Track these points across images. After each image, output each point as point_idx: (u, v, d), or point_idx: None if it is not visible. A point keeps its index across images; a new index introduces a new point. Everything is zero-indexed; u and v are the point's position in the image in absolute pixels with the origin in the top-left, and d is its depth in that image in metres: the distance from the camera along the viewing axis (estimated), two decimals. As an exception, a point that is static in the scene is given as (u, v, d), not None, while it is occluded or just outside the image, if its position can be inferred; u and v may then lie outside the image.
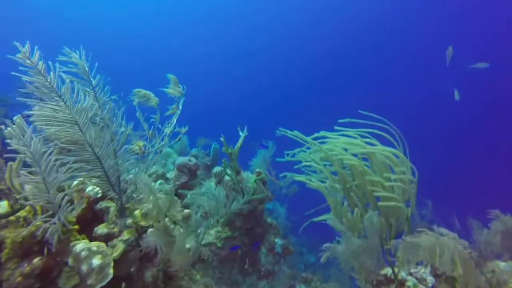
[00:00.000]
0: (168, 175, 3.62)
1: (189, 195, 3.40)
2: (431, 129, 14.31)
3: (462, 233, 3.20)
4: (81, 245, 1.27)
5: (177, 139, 2.07)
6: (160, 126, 1.96)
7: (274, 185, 4.15)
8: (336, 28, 18.27)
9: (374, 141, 3.15)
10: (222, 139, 3.17)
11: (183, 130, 2.07)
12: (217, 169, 3.27)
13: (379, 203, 2.78)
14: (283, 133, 3.16)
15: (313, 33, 18.85)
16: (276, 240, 3.83)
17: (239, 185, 3.03)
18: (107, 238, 1.47)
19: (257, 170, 3.50)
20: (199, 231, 2.71)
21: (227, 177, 3.16)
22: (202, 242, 3.06)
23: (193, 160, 3.70)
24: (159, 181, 3.34)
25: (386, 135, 3.12)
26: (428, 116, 15.03)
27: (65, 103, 1.31)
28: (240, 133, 3.23)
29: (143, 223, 1.61)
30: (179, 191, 3.58)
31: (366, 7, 16.86)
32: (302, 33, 19.07)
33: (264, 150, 3.93)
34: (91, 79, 1.49)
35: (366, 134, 3.16)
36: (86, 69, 1.48)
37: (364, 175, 2.91)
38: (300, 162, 3.46)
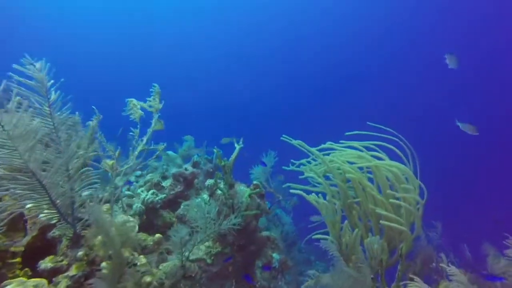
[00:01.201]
0: (164, 183, 3.50)
1: (182, 206, 3.27)
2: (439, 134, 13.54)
3: (475, 261, 2.86)
4: (11, 287, 1.14)
5: (153, 156, 1.93)
6: (134, 144, 1.82)
7: (273, 197, 3.95)
8: (346, 34, 17.63)
9: (382, 155, 2.86)
10: (215, 150, 3.01)
11: (161, 147, 1.92)
12: (209, 181, 3.10)
13: (381, 221, 2.51)
14: (287, 141, 2.94)
15: (322, 38, 18.29)
16: (274, 254, 3.63)
17: (229, 200, 2.84)
18: (52, 273, 1.33)
19: (254, 182, 3.31)
20: (184, 248, 2.56)
21: (219, 191, 2.98)
22: (191, 258, 2.91)
23: (190, 169, 3.55)
24: (151, 191, 3.22)
25: (395, 149, 2.83)
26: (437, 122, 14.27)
27: (2, 127, 1.18)
28: (236, 145, 3.05)
29: (101, 253, 1.46)
30: (179, 200, 3.46)
31: (376, 14, 16.17)
32: (312, 37, 18.52)
33: (265, 160, 3.73)
34: (51, 94, 1.35)
35: (374, 147, 2.87)
36: (46, 83, 1.34)
37: (366, 191, 2.63)
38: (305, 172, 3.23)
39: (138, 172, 4.15)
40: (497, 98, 13.21)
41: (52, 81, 1.29)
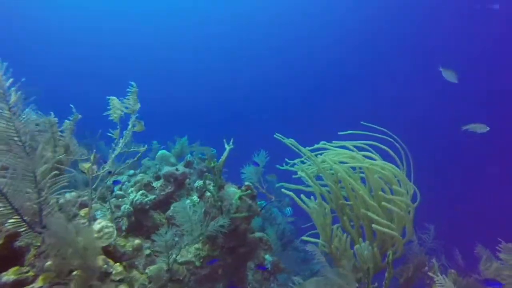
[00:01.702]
0: (155, 184, 3.41)
1: (172, 208, 3.18)
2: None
3: (469, 263, 2.78)
4: (-36, 303, 1.05)
5: (135, 158, 1.84)
6: (113, 146, 1.72)
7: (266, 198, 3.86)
8: (343, 33, 17.30)
9: (375, 155, 2.76)
10: (205, 151, 2.92)
11: (142, 149, 1.83)
12: (198, 183, 3.01)
13: (373, 226, 2.43)
14: (280, 139, 2.84)
15: (318, 37, 17.96)
16: (266, 256, 3.55)
17: (218, 203, 2.75)
18: (15, 286, 1.24)
19: (246, 183, 3.21)
20: (170, 251, 2.48)
21: (208, 193, 2.89)
22: (180, 260, 2.82)
23: (181, 169, 3.45)
24: (140, 191, 3.13)
25: (389, 150, 2.73)
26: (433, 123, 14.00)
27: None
28: (226, 145, 2.95)
29: (66, 264, 1.37)
30: (170, 200, 3.37)
31: (371, 13, 15.82)
32: (307, 36, 18.18)
33: (257, 159, 3.64)
34: (12, 96, 1.25)
35: (367, 147, 2.78)
36: (3, 83, 1.23)
37: (357, 193, 2.55)
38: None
39: (131, 171, 4.05)
40: (494, 98, 13.01)
41: (11, 79, 1.19)
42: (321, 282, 1.84)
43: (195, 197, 3.05)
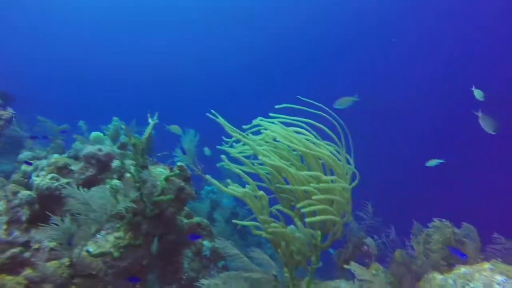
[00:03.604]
0: (73, 167, 2.83)
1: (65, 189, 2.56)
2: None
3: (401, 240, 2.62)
4: None
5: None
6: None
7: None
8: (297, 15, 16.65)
9: (310, 135, 2.47)
10: (123, 126, 2.42)
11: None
12: (116, 163, 2.51)
13: (306, 219, 2.12)
14: (213, 118, 2.42)
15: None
16: (204, 242, 3.15)
17: (137, 184, 2.28)
18: None
19: (178, 164, 2.77)
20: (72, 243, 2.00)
21: (128, 174, 2.41)
22: (95, 252, 2.34)
23: (105, 149, 2.90)
24: (50, 175, 2.54)
25: (325, 128, 2.44)
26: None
27: None
28: (149, 120, 2.46)
29: None
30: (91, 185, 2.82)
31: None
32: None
33: (188, 139, 3.21)
34: None
35: (304, 125, 2.47)
36: None
37: (291, 178, 2.23)
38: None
39: (55, 155, 3.41)
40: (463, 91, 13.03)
41: None
42: (230, 279, 1.49)
43: (115, 181, 2.53)
